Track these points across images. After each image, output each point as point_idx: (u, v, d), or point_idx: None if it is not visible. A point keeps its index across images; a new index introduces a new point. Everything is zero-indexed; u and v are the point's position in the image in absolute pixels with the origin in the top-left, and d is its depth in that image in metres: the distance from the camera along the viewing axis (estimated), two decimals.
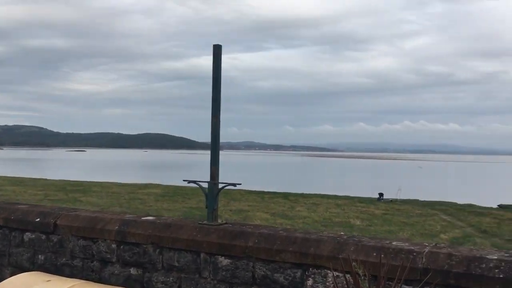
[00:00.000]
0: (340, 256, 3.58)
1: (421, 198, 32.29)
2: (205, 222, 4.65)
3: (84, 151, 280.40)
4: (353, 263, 3.30)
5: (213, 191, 4.64)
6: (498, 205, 33.57)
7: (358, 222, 19.08)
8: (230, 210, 20.46)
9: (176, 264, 4.56)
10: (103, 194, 23.77)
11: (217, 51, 4.78)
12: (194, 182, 4.76)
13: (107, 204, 19.89)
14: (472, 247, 3.63)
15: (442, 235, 18.17)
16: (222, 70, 4.72)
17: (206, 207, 4.64)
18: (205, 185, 4.74)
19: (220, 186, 4.68)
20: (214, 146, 4.76)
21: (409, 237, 16.88)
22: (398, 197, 30.77)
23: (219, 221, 4.72)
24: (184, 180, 4.89)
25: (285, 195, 29.03)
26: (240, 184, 4.68)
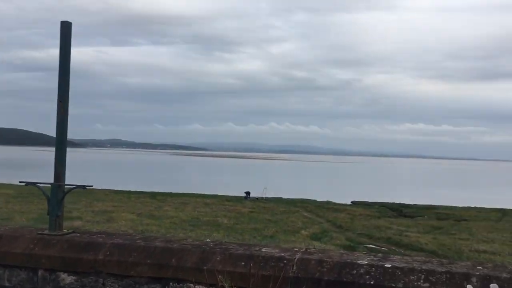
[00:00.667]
0: (205, 267, 3.16)
1: (285, 196, 33.83)
2: (46, 231, 3.87)
3: None
4: (219, 275, 2.91)
5: (58, 195, 3.88)
6: (351, 202, 36.67)
7: (225, 221, 19.07)
8: (93, 211, 18.96)
9: (7, 284, 3.73)
10: None
11: (65, 29, 4.04)
12: (33, 184, 3.95)
13: None
14: (342, 251, 3.50)
15: (303, 231, 19.00)
16: (86, 62, 4.04)
17: (48, 214, 3.87)
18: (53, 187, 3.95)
19: (67, 188, 3.93)
20: (60, 140, 3.99)
21: (273, 234, 17.31)
22: (264, 196, 31.79)
23: (65, 229, 3.98)
24: (20, 182, 4.03)
25: (153, 195, 28.04)
26: (91, 186, 4.00)
